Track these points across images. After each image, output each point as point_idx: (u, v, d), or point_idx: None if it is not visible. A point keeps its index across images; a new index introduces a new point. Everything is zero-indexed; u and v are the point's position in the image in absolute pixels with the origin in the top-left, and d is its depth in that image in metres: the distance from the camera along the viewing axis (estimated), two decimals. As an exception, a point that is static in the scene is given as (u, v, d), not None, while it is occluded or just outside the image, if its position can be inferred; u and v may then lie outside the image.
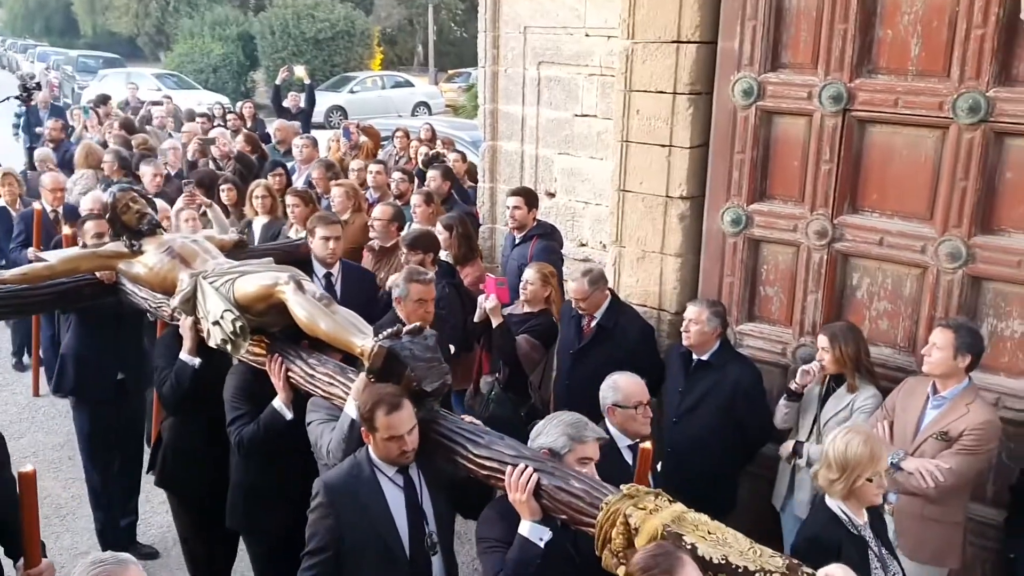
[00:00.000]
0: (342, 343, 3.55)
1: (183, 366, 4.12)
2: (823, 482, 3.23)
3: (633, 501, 2.69)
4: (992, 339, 4.13)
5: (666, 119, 4.81)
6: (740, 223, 4.72)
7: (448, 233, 5.78)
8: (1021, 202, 4.00)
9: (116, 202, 4.50)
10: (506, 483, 2.97)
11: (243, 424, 3.86)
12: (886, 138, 4.28)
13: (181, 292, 4.06)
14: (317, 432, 3.61)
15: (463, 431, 3.25)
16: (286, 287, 3.72)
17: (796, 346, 4.69)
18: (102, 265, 4.54)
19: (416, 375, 3.24)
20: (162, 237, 4.51)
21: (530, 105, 6.48)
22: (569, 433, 3.11)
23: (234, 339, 3.81)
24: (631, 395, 3.74)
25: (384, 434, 3.07)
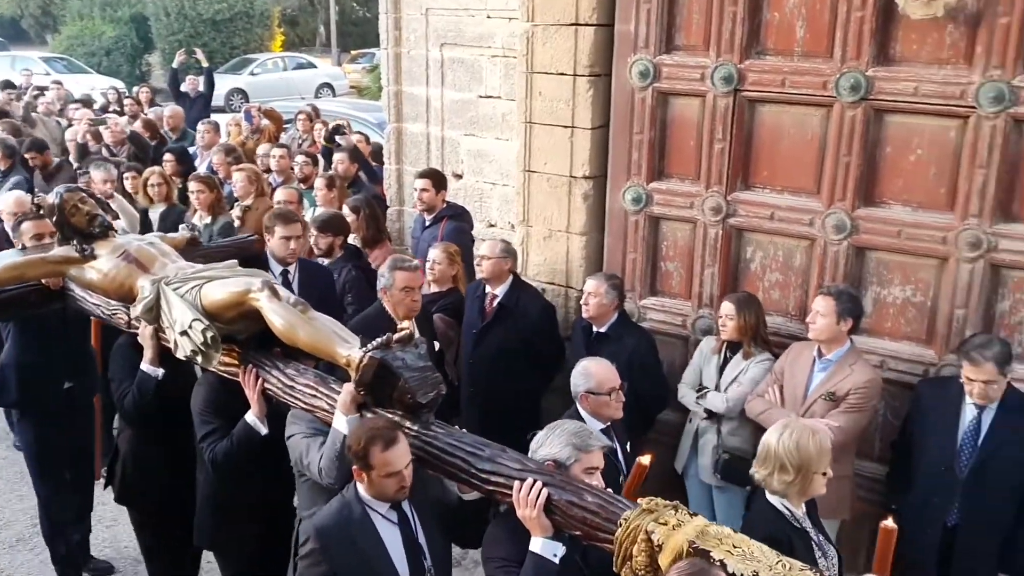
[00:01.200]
0: (324, 353, 3.36)
1: (145, 377, 3.88)
2: (778, 486, 3.18)
3: (654, 516, 2.58)
4: (876, 305, 4.40)
5: (567, 101, 4.92)
6: (641, 201, 4.88)
7: (355, 215, 5.79)
8: (900, 175, 4.25)
9: (63, 203, 4.13)
10: (514, 499, 2.82)
11: (215, 440, 3.65)
12: (775, 117, 4.49)
13: (143, 300, 3.78)
14: (301, 447, 3.43)
15: (463, 445, 3.06)
16: (260, 294, 3.48)
17: (695, 318, 4.89)
18: (51, 272, 4.22)
19: (410, 386, 3.06)
20: (115, 240, 4.18)
21: (434, 86, 6.50)
22: (574, 443, 2.98)
23: (205, 350, 3.57)
24: (604, 382, 3.72)
25: (382, 471, 2.90)
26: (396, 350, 3.13)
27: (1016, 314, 4.11)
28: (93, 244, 4.14)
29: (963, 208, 4.09)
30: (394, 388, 3.09)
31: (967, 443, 3.83)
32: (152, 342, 3.84)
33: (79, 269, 4.14)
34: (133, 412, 3.97)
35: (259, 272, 3.80)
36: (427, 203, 5.90)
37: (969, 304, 4.15)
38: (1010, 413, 3.78)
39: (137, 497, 4.24)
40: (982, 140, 3.97)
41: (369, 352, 3.11)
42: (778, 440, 3.17)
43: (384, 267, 4.34)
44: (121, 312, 4.06)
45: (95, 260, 4.09)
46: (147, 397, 3.89)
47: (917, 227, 4.22)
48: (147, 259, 4.03)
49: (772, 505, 3.22)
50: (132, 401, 3.93)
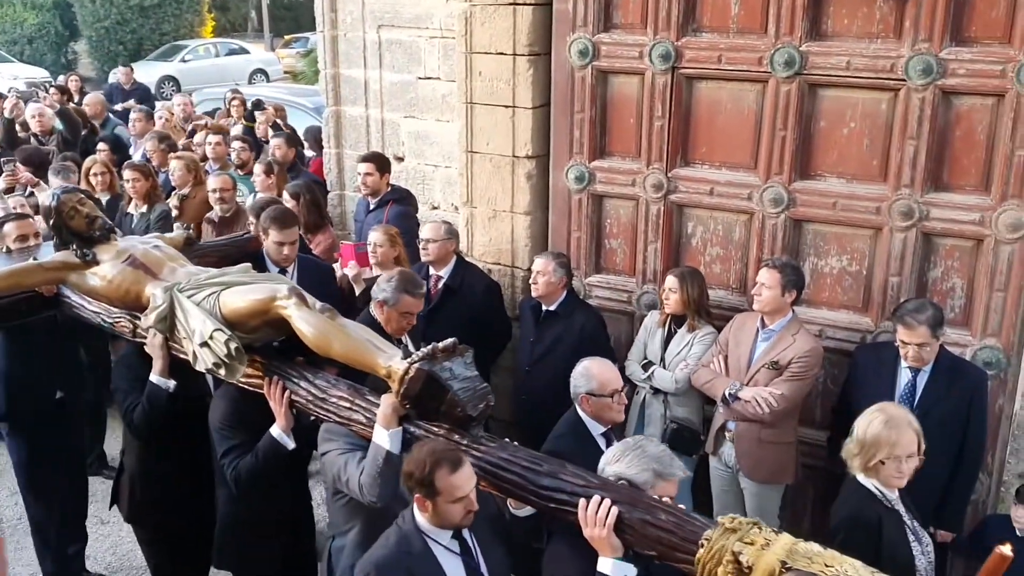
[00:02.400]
0: (362, 363, 3.17)
1: (156, 390, 3.66)
2: (846, 454, 3.19)
3: (738, 536, 2.47)
4: (814, 276, 4.51)
5: (508, 80, 4.93)
6: (583, 180, 4.91)
7: (295, 201, 5.72)
8: (834, 148, 4.36)
9: (61, 206, 3.86)
10: (580, 517, 2.69)
11: (238, 456, 3.46)
12: (712, 93, 4.55)
13: (156, 309, 3.53)
14: (339, 464, 3.24)
15: (519, 459, 2.90)
16: (287, 302, 3.27)
17: (640, 294, 4.95)
18: (49, 279, 3.96)
19: (460, 399, 2.91)
20: (118, 244, 3.92)
21: (372, 69, 6.43)
22: (655, 469, 2.82)
23: (229, 362, 3.33)
24: (606, 383, 3.58)
25: (449, 497, 2.73)
26: (442, 360, 2.97)
27: (947, 280, 4.26)
28: (94, 248, 3.87)
29: (895, 179, 4.21)
30: (442, 401, 2.94)
31: (903, 405, 3.95)
32: (162, 352, 3.62)
33: (80, 275, 3.88)
34: (143, 426, 3.74)
35: (279, 277, 3.62)
36: (371, 187, 5.85)
37: (903, 272, 4.28)
38: (942, 375, 3.93)
39: (147, 515, 4.04)
40: (912, 112, 4.09)
41: (416, 364, 2.94)
42: (865, 421, 3.15)
43: (390, 285, 4.04)
44: (125, 320, 3.84)
45: (97, 266, 3.83)
46: (158, 410, 3.67)
47: (852, 198, 4.33)
48: (155, 264, 3.79)
49: (863, 485, 3.17)
50: (142, 415, 3.71)
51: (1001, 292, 4.10)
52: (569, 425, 3.66)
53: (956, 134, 4.09)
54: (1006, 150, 3.96)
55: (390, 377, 3.03)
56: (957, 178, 4.13)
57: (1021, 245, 4.02)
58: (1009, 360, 4.16)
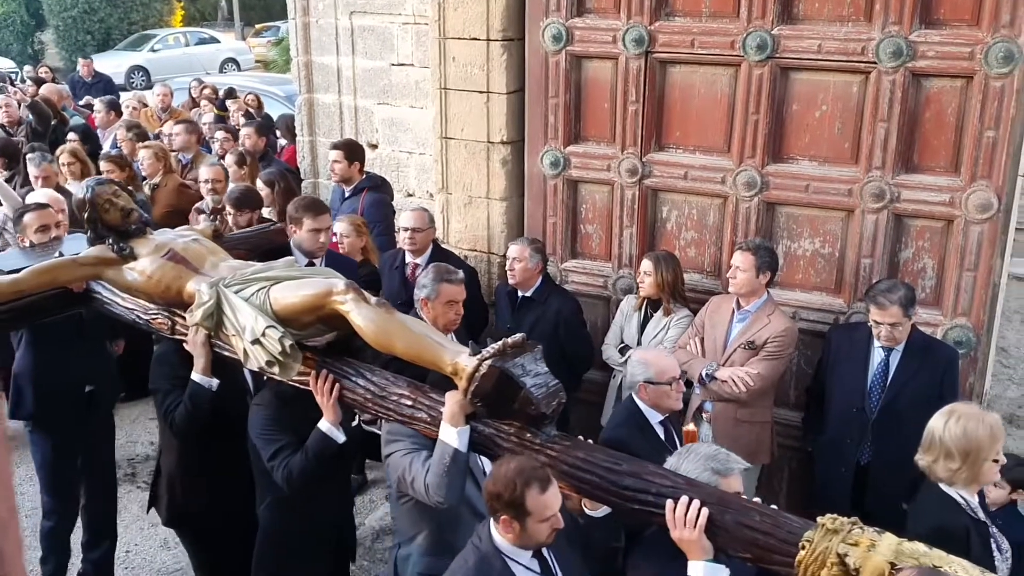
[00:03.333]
0: (427, 361, 3.03)
1: (199, 389, 3.53)
2: (943, 473, 3.05)
3: (841, 536, 2.39)
4: (787, 258, 4.55)
5: (482, 65, 4.92)
6: (559, 165, 4.92)
7: (269, 189, 5.69)
8: (806, 131, 4.39)
9: (95, 198, 3.67)
10: (668, 519, 2.59)
11: (288, 455, 3.34)
12: (685, 77, 4.57)
13: (202, 306, 3.36)
14: (403, 464, 3.15)
15: (598, 459, 2.79)
16: (345, 296, 3.11)
17: (616, 278, 4.97)
18: (85, 275, 3.77)
19: (535, 396, 2.78)
20: (155, 238, 3.75)
21: (345, 56, 6.38)
22: (713, 467, 2.77)
23: (283, 360, 3.17)
24: (664, 371, 3.54)
25: (539, 517, 2.62)
26: (512, 356, 2.83)
27: (918, 261, 4.31)
28: (130, 243, 3.70)
29: (867, 161, 4.25)
30: (514, 398, 2.81)
31: (876, 384, 4.02)
32: (204, 350, 3.49)
33: (116, 271, 3.68)
34: (185, 426, 3.61)
35: (327, 271, 3.51)
36: (340, 175, 5.82)
37: (875, 253, 4.33)
38: (915, 354, 3.98)
39: (189, 519, 3.93)
40: (883, 94, 4.13)
41: (487, 360, 2.82)
42: (944, 426, 3.03)
43: (426, 279, 3.94)
44: (162, 317, 3.69)
45: (135, 260, 3.65)
46: (201, 410, 3.56)
47: (824, 181, 4.37)
48: (196, 258, 3.63)
49: (945, 494, 3.07)
50: (184, 414, 3.58)
51: (971, 272, 4.16)
52: (627, 414, 3.63)
53: (926, 116, 4.13)
54: (975, 131, 4.01)
55: (456, 374, 2.90)
56: (927, 160, 4.18)
57: (990, 225, 4.08)
58: (979, 339, 4.23)
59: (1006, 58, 3.85)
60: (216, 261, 3.64)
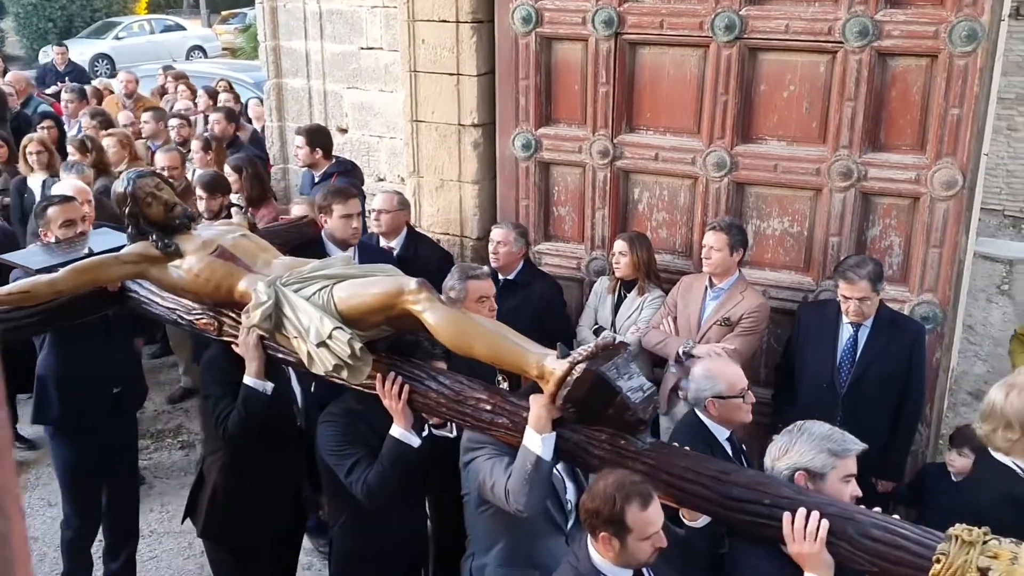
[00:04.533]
0: (509, 363, 2.90)
1: (253, 393, 3.36)
2: (1001, 443, 3.03)
3: (978, 549, 2.27)
4: (756, 238, 4.59)
5: (451, 48, 4.90)
6: (530, 148, 4.92)
7: (237, 175, 5.65)
8: (774, 112, 4.43)
9: (137, 191, 3.44)
10: (787, 532, 2.45)
11: (365, 468, 3.18)
12: (655, 59, 4.59)
13: (261, 307, 3.15)
14: (484, 469, 3.03)
15: (703, 468, 2.65)
16: (417, 296, 2.94)
17: (589, 260, 4.99)
18: (128, 274, 3.56)
19: (631, 402, 2.64)
20: (201, 234, 3.54)
21: (313, 40, 6.33)
22: (830, 448, 2.61)
23: (352, 363, 3.00)
24: (735, 382, 3.32)
25: (640, 535, 2.49)
26: (604, 359, 2.69)
27: (885, 238, 4.37)
28: (175, 239, 3.49)
29: (834, 140, 4.30)
30: (610, 403, 2.67)
31: (846, 360, 4.08)
32: (258, 352, 3.33)
33: (161, 269, 3.47)
34: (239, 433, 3.42)
35: (389, 267, 3.35)
36: (303, 160, 5.81)
37: (843, 232, 4.38)
38: (883, 329, 4.04)
39: (227, 533, 3.73)
40: (849, 74, 4.17)
41: (579, 363, 2.68)
42: (1005, 398, 3.00)
43: (451, 279, 3.83)
44: (207, 317, 3.51)
45: (181, 258, 3.45)
46: (256, 416, 3.38)
47: (792, 161, 4.41)
48: (247, 255, 3.44)
49: (1002, 463, 3.05)
50: (238, 421, 3.39)
51: (937, 248, 4.22)
52: (691, 432, 3.38)
53: (892, 95, 4.18)
54: (940, 110, 4.06)
55: (543, 377, 2.75)
56: (893, 138, 4.23)
57: (955, 202, 4.14)
58: (945, 314, 4.30)
59: (969, 37, 3.90)
60: (268, 258, 3.46)
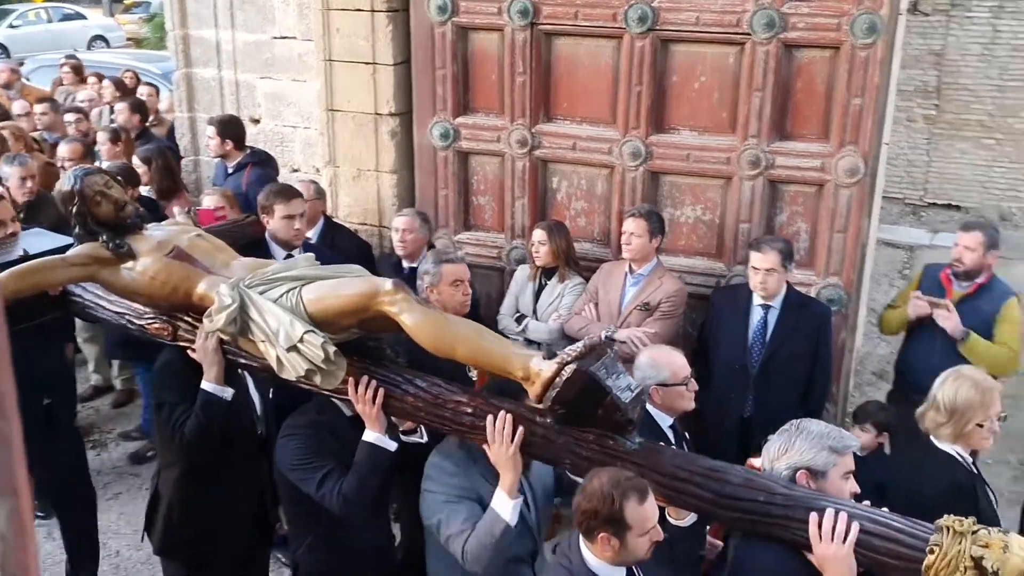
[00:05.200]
0: (493, 364, 2.81)
1: (212, 399, 3.23)
2: (930, 424, 3.14)
3: (972, 539, 2.30)
4: (671, 225, 4.70)
5: (367, 37, 4.87)
6: (448, 137, 4.93)
7: (147, 167, 5.51)
8: (686, 102, 4.53)
9: (84, 189, 3.25)
10: (813, 533, 2.39)
11: (338, 478, 3.05)
12: (570, 49, 4.64)
13: (225, 310, 3.00)
14: (440, 515, 2.94)
15: (695, 467, 2.63)
16: (394, 297, 2.83)
17: (509, 249, 5.03)
18: (76, 277, 3.36)
19: (621, 402, 2.59)
20: (153, 234, 3.35)
21: (224, 29, 6.19)
22: (831, 445, 2.59)
23: (326, 368, 2.90)
24: (679, 370, 3.36)
25: (639, 530, 2.44)
26: (593, 358, 2.63)
27: (793, 224, 4.53)
28: (127, 239, 3.30)
29: (743, 130, 4.43)
30: (600, 404, 2.61)
31: (756, 341, 4.22)
32: (217, 357, 3.20)
33: (113, 271, 3.27)
34: (197, 441, 3.27)
35: (358, 268, 3.20)
36: (214, 151, 5.70)
37: (752, 218, 4.52)
38: (791, 311, 4.20)
39: (185, 550, 3.57)
40: (757, 65, 4.30)
41: (568, 363, 2.63)
42: (942, 384, 3.13)
43: (426, 263, 3.79)
44: (160, 322, 3.35)
45: (134, 260, 3.26)
46: (215, 422, 3.25)
47: (703, 150, 4.53)
48: (205, 256, 3.28)
49: (946, 452, 3.14)
50: (196, 427, 3.25)
51: (841, 233, 4.40)
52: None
53: (798, 85, 4.33)
54: (843, 99, 4.23)
55: (528, 379, 2.69)
56: (799, 127, 4.38)
57: (858, 189, 4.32)
58: (849, 297, 4.48)
59: (870, 29, 4.07)
60: (226, 259, 3.32)
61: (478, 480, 2.97)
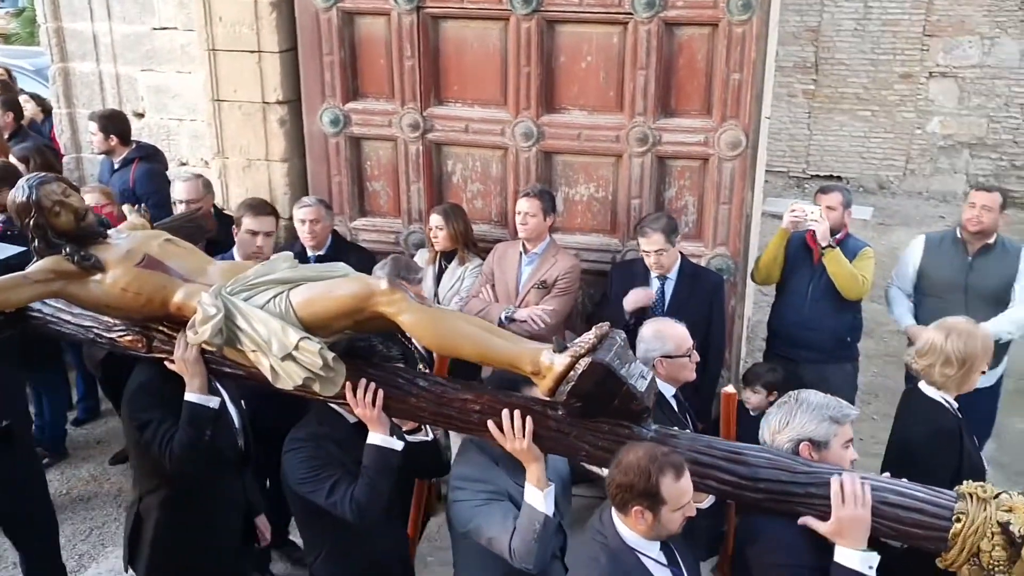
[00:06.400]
0: (502, 361, 2.73)
1: (200, 409, 3.07)
2: (939, 378, 3.24)
3: (996, 504, 2.34)
4: (566, 204, 4.79)
5: (251, 24, 4.78)
6: (339, 123, 4.89)
7: (24, 165, 5.30)
8: (574, 82, 4.61)
9: (41, 199, 2.98)
10: (835, 497, 2.43)
11: (348, 485, 2.97)
12: (458, 32, 4.66)
13: (210, 320, 2.82)
14: (473, 520, 2.91)
15: (717, 450, 2.62)
16: (391, 298, 2.73)
17: (407, 234, 5.03)
18: (40, 293, 3.08)
19: (637, 390, 2.56)
20: (118, 242, 3.13)
21: (100, 20, 5.99)
22: (831, 416, 2.64)
23: (325, 375, 2.79)
24: (682, 342, 3.44)
25: (675, 505, 2.44)
26: (606, 348, 2.58)
27: (681, 199, 4.67)
28: (92, 250, 3.06)
29: (630, 108, 4.53)
30: (614, 395, 2.58)
31: (656, 311, 4.34)
32: (199, 367, 3.05)
33: (80, 285, 3.03)
34: (187, 455, 3.10)
35: (344, 266, 3.04)
36: (98, 148, 5.53)
37: (643, 194, 4.65)
38: (685, 281, 4.36)
39: (176, 573, 3.42)
40: (640, 44, 4.41)
41: (583, 356, 2.56)
42: (946, 338, 3.22)
43: (383, 269, 3.78)
44: (132, 334, 3.15)
45: (102, 272, 3.02)
46: (203, 434, 3.10)
47: (593, 129, 4.62)
48: (178, 262, 3.09)
49: (932, 398, 3.26)
50: (185, 441, 3.08)
51: (726, 205, 4.56)
52: None
53: (680, 63, 4.45)
54: (722, 75, 4.37)
55: (539, 373, 2.63)
56: (683, 104, 4.51)
57: (740, 162, 4.48)
58: (737, 266, 4.65)
59: (745, 6, 4.22)
60: (201, 264, 3.14)
61: (503, 480, 2.97)
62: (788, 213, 4.54)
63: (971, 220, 4.59)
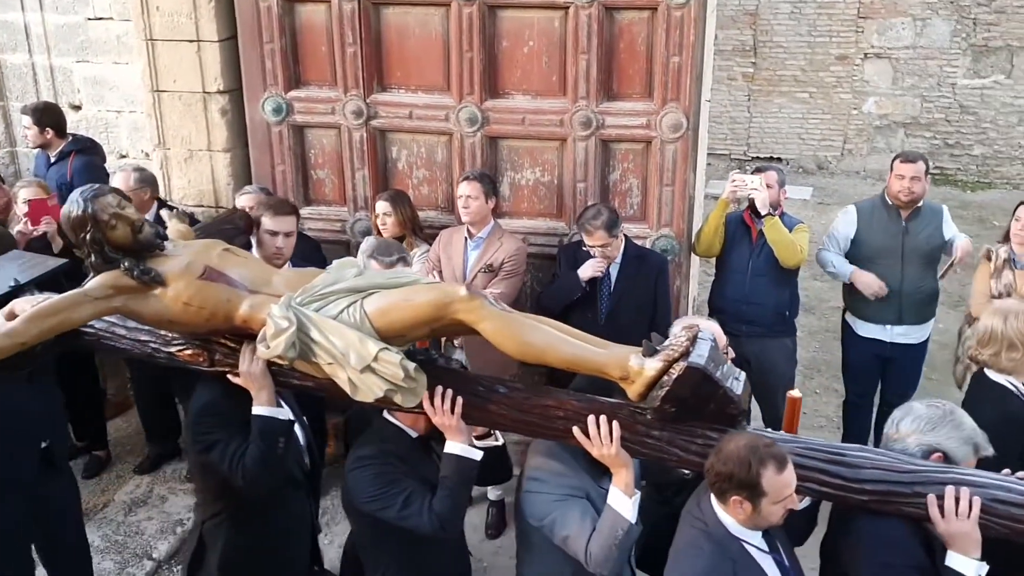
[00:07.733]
0: (588, 367, 2.67)
1: (270, 423, 2.96)
2: (1007, 363, 3.21)
3: None
4: (512, 189, 4.83)
5: (189, 14, 4.72)
6: (281, 111, 4.85)
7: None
8: (517, 67, 4.64)
9: (98, 213, 2.85)
10: (934, 513, 2.43)
11: (425, 498, 2.87)
12: (400, 18, 4.65)
13: (283, 333, 2.71)
14: (552, 514, 2.83)
15: (817, 451, 2.58)
16: (471, 304, 2.66)
17: (353, 222, 5.02)
18: (102, 311, 2.94)
19: (733, 394, 2.50)
20: (177, 253, 2.99)
21: (32, 11, 5.85)
22: (977, 443, 2.60)
23: (408, 386, 2.71)
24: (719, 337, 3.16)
25: (776, 497, 2.42)
26: (697, 350, 2.51)
27: (625, 181, 4.74)
28: (149, 263, 2.92)
29: (573, 92, 4.57)
30: (710, 399, 2.52)
31: (603, 293, 4.42)
32: (267, 380, 2.94)
33: (141, 300, 2.90)
34: (262, 470, 2.97)
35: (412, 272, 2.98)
36: (33, 142, 5.40)
37: (588, 178, 4.70)
38: (631, 263, 4.43)
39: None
40: (581, 28, 4.45)
41: (677, 360, 2.50)
42: (1005, 322, 3.20)
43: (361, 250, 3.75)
44: (193, 348, 3.05)
45: (163, 286, 2.89)
46: (276, 446, 2.98)
47: (537, 113, 4.66)
48: (241, 273, 2.96)
49: (999, 383, 3.23)
50: (258, 456, 2.96)
51: (669, 187, 4.64)
52: None
53: (621, 47, 4.50)
54: (663, 58, 4.44)
55: (628, 379, 2.58)
56: (625, 87, 4.57)
57: (682, 144, 4.56)
58: (681, 246, 4.74)
59: (682, -11, 4.29)
60: (263, 274, 3.03)
61: (585, 478, 2.92)
62: (728, 183, 4.63)
63: (903, 191, 4.74)
